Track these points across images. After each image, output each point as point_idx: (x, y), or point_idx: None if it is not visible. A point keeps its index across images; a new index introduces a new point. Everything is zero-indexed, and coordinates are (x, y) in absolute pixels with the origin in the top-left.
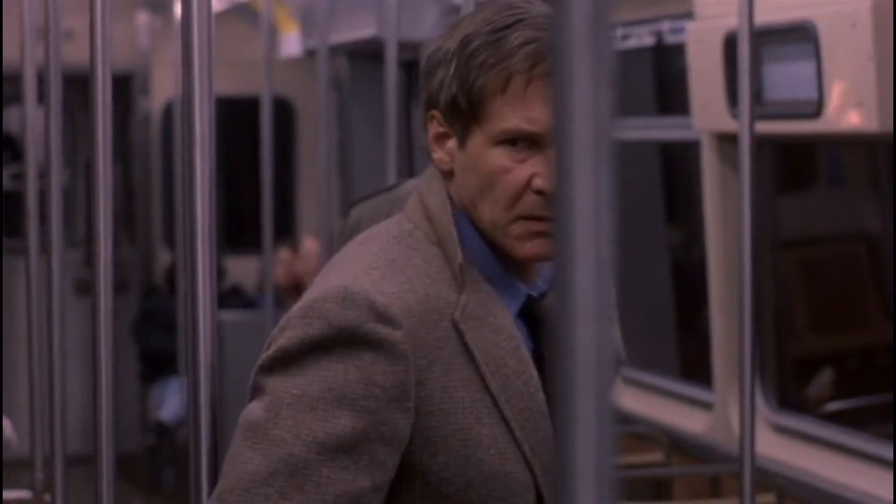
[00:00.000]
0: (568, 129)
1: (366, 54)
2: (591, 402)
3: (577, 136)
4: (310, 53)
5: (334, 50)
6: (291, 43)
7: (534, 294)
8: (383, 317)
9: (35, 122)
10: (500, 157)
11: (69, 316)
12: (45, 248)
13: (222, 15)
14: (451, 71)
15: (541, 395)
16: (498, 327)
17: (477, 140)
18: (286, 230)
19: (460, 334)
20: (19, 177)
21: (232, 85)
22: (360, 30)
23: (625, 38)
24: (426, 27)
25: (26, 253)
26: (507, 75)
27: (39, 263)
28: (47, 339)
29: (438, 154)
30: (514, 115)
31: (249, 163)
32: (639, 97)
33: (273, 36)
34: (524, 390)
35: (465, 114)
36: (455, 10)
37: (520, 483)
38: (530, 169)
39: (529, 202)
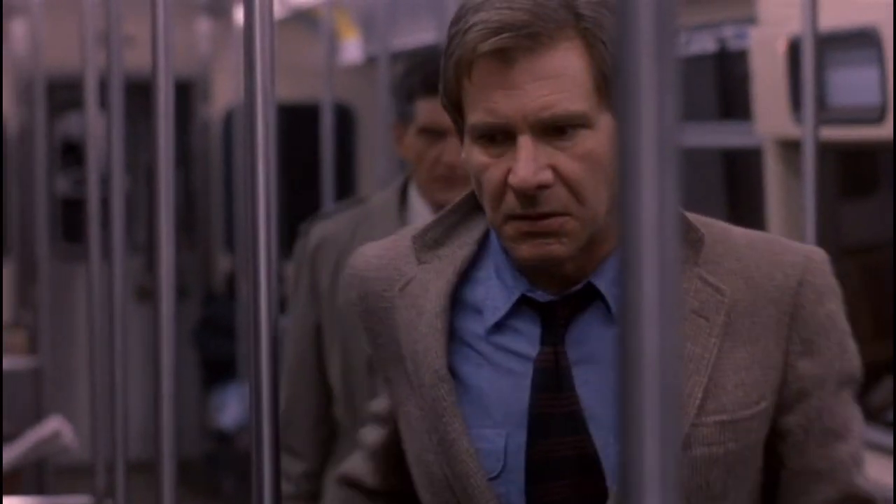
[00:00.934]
0: (633, 137)
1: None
2: (657, 406)
3: (643, 143)
4: (370, 60)
5: (395, 56)
6: (352, 49)
7: (529, 295)
8: (346, 281)
9: (96, 128)
10: (479, 154)
11: (130, 322)
12: (106, 254)
13: (283, 22)
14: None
15: (444, 391)
16: (422, 309)
17: (466, 138)
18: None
19: (395, 309)
20: (80, 183)
21: (292, 91)
22: (420, 35)
23: (687, 43)
24: None
25: (87, 259)
26: (467, 62)
27: (100, 269)
28: (108, 344)
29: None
30: (478, 107)
31: (309, 169)
32: (701, 103)
33: (333, 43)
34: (425, 380)
35: (451, 112)
36: None
37: (436, 475)
38: (506, 164)
39: (511, 201)
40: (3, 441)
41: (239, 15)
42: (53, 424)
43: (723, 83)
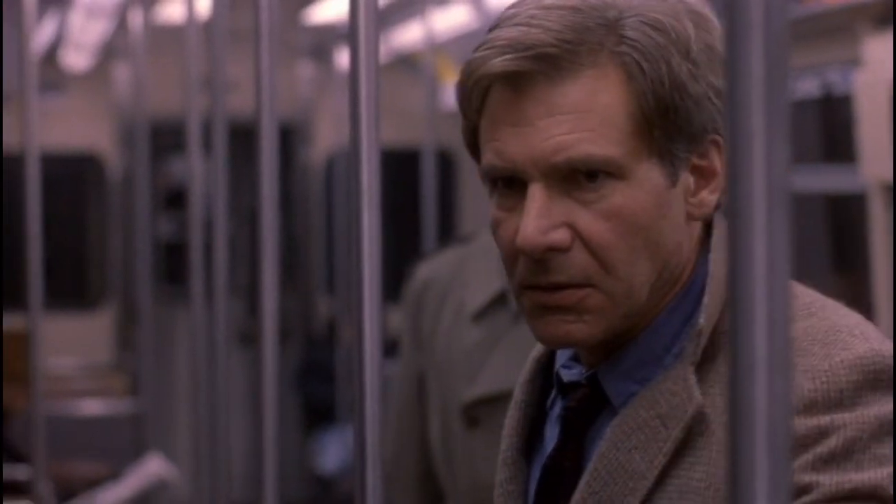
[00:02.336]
0: (745, 185)
1: None
2: (767, 457)
3: (754, 191)
4: None
5: None
6: (453, 94)
7: (559, 373)
8: None
9: (198, 172)
10: (493, 206)
11: (231, 365)
12: (208, 298)
13: (384, 66)
14: None
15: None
16: None
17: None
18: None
19: None
20: (182, 226)
21: (393, 136)
22: None
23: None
24: None
25: (189, 303)
26: (479, 91)
27: (203, 313)
28: (210, 388)
29: None
30: (487, 147)
31: (411, 214)
32: (805, 146)
33: (435, 87)
34: None
35: (472, 154)
36: None
37: None
38: (519, 220)
39: (523, 266)
40: (103, 482)
41: (340, 58)
42: (154, 463)
43: (827, 127)
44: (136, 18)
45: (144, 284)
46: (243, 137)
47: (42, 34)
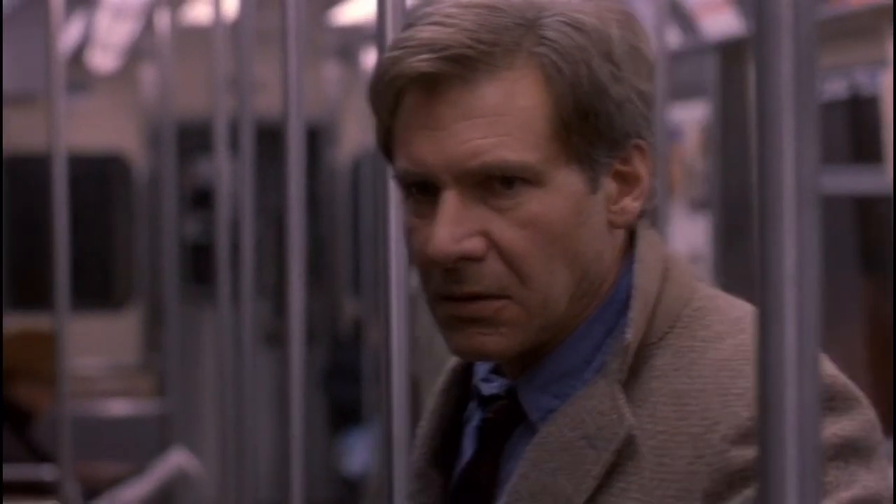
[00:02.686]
0: (775, 186)
1: None
2: (797, 462)
3: (784, 192)
4: None
5: None
6: None
7: (479, 388)
8: None
9: (225, 173)
10: (407, 212)
11: (257, 366)
12: (235, 299)
13: None
14: None
15: None
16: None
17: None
18: None
19: None
20: (209, 227)
21: None
22: None
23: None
24: None
25: (216, 304)
26: (391, 93)
27: (229, 314)
28: (237, 388)
29: None
30: (401, 151)
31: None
32: (832, 147)
33: None
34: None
35: (387, 159)
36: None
37: None
38: (431, 228)
39: (437, 276)
40: (127, 479)
41: (367, 59)
42: (177, 457)
43: (854, 127)
44: (163, 19)
45: (171, 285)
46: (270, 138)
47: (69, 35)
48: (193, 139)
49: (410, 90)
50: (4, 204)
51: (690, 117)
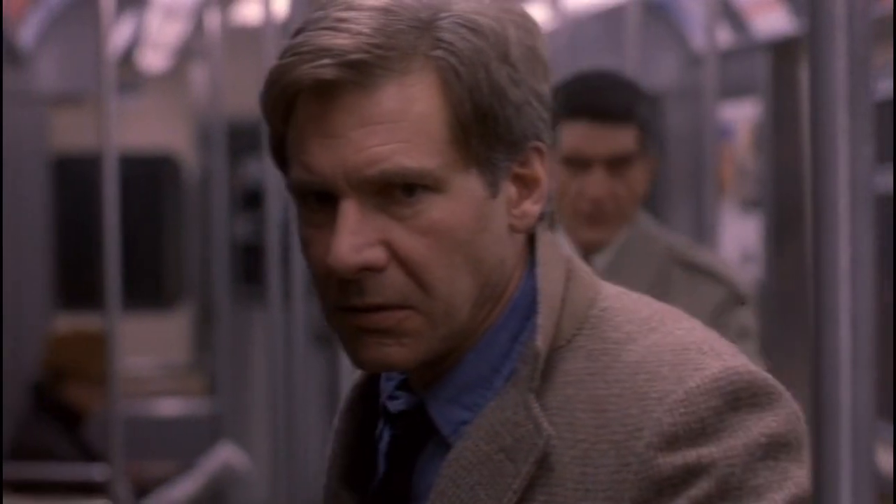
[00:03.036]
0: (829, 185)
1: None
2: (850, 461)
3: (838, 191)
4: None
5: None
6: None
7: (385, 404)
8: None
9: (275, 173)
10: (302, 223)
11: (308, 366)
12: (286, 299)
13: None
14: None
15: None
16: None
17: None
18: None
19: None
20: (259, 228)
21: None
22: None
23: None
24: (665, 78)
25: (267, 304)
26: (285, 100)
27: (280, 314)
28: (287, 388)
29: None
30: (296, 160)
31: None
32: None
33: None
34: None
35: (280, 168)
36: (695, 59)
37: None
38: (330, 239)
39: (336, 288)
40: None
41: None
42: (225, 451)
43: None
44: (213, 19)
45: (222, 285)
46: None
47: (119, 35)
48: (243, 139)
49: (305, 97)
50: (55, 204)
51: (741, 116)
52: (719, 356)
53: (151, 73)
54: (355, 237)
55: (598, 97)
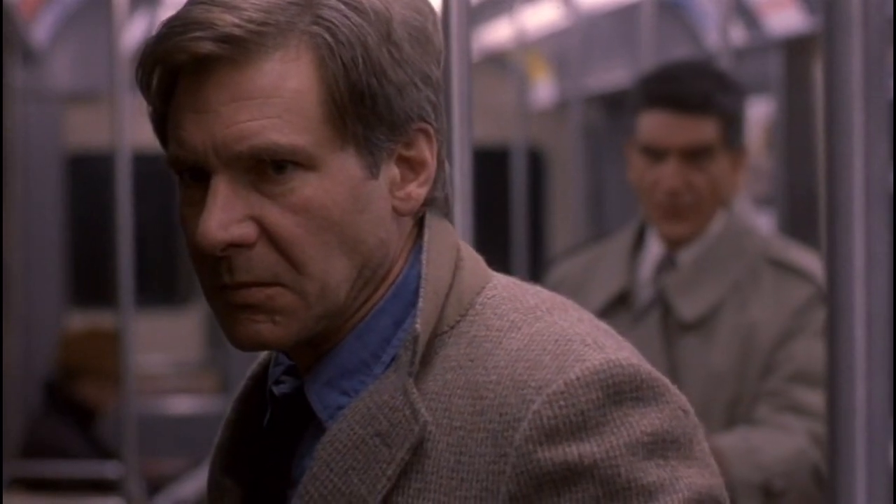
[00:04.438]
0: (844, 183)
1: (621, 102)
2: (865, 457)
3: (853, 190)
4: (562, 104)
5: (588, 100)
6: (543, 92)
7: (272, 388)
8: None
9: None
10: (181, 201)
11: None
12: None
13: (474, 65)
14: None
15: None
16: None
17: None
18: (536, 281)
19: None
20: None
21: (483, 134)
22: (614, 77)
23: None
24: None
25: None
26: (162, 76)
27: None
28: None
29: None
30: (172, 135)
31: (500, 213)
32: None
33: (525, 86)
34: None
35: (163, 146)
36: (709, 56)
37: None
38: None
39: (210, 265)
40: (186, 473)
41: None
42: None
43: None
44: None
45: None
46: None
47: (132, 33)
48: None
49: (180, 72)
50: (69, 202)
51: (755, 114)
52: (602, 348)
53: None
54: (223, 213)
55: (675, 86)
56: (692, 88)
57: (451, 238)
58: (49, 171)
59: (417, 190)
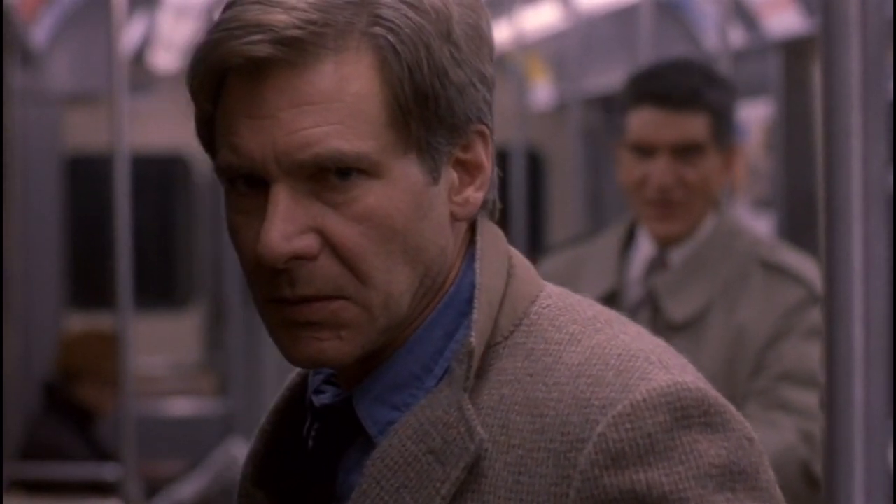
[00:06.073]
0: (842, 184)
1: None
2: (863, 458)
3: (852, 191)
4: (562, 105)
5: (587, 102)
6: (542, 94)
7: (312, 398)
8: None
9: None
10: (230, 209)
11: None
12: None
13: None
14: None
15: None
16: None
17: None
18: None
19: None
20: None
21: None
22: (613, 79)
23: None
24: None
25: None
26: (212, 78)
27: None
28: None
29: None
30: (224, 141)
31: (500, 214)
32: None
33: (524, 88)
34: None
35: (208, 153)
36: (708, 58)
37: None
38: (259, 225)
39: (267, 278)
40: (185, 473)
41: None
42: (234, 446)
43: None
44: None
45: (233, 284)
46: None
47: (131, 35)
48: None
49: (234, 75)
50: (67, 204)
51: (754, 116)
52: (667, 368)
53: (163, 73)
54: (286, 224)
55: (663, 82)
56: (680, 84)
57: (503, 244)
58: (48, 173)
59: (475, 194)
